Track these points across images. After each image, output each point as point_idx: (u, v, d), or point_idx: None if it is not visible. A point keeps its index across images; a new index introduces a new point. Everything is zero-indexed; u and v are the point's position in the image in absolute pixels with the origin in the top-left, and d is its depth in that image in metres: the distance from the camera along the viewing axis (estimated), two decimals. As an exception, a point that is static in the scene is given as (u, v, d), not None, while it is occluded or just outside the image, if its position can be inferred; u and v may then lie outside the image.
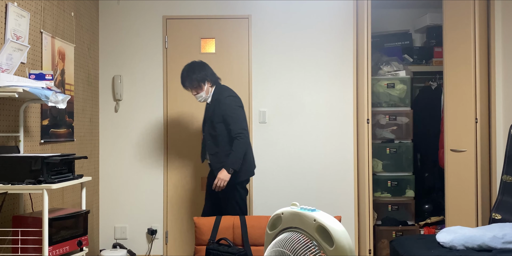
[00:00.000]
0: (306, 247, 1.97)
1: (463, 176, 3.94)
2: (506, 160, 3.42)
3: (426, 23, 5.00)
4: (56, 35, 3.59)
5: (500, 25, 3.91)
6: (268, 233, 2.25)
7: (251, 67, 4.51)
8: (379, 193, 4.66)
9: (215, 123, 3.64)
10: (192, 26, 4.53)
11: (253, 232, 3.37)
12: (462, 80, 3.98)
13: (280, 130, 4.51)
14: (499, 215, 3.34)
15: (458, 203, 3.98)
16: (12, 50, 2.75)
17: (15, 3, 2.96)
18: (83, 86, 4.15)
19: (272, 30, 4.53)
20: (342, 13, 4.50)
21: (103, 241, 4.51)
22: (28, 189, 2.58)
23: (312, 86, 4.52)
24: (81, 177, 2.97)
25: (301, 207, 2.11)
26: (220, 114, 3.62)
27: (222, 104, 3.63)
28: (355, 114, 4.47)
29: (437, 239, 3.08)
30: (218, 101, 3.66)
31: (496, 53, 3.92)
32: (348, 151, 4.48)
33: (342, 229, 1.95)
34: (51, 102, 2.72)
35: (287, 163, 4.50)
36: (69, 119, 3.80)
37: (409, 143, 4.71)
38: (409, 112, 4.71)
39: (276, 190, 4.48)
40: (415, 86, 5.16)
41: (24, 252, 2.66)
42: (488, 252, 2.84)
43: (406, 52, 5.05)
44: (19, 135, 2.98)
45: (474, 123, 3.89)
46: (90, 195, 4.26)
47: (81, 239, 2.90)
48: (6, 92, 2.51)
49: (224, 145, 3.62)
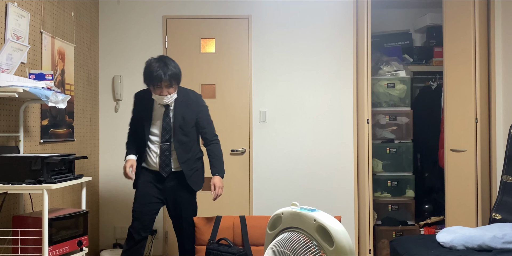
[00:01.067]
0: (306, 247, 1.97)
1: (463, 176, 3.94)
2: (506, 160, 3.42)
3: (426, 23, 5.00)
4: (56, 35, 3.59)
5: (500, 25, 3.91)
6: (268, 233, 2.25)
7: (251, 67, 4.51)
8: (379, 193, 4.66)
9: (188, 128, 3.29)
10: (192, 26, 4.53)
11: (253, 232, 3.36)
12: (462, 80, 3.98)
13: (280, 130, 4.51)
14: (499, 215, 3.34)
15: (458, 203, 3.98)
16: (12, 50, 2.75)
17: (15, 3, 2.96)
18: (83, 86, 4.15)
19: (272, 30, 4.53)
20: (342, 13, 4.50)
21: (103, 241, 4.52)
22: (28, 189, 2.58)
23: (312, 86, 4.52)
24: (81, 177, 2.97)
25: (301, 207, 2.11)
26: (193, 117, 3.30)
27: (198, 106, 3.33)
28: (355, 114, 4.47)
29: (437, 239, 3.08)
30: (191, 103, 3.30)
31: (496, 53, 3.92)
32: (348, 151, 4.48)
33: (342, 229, 1.95)
34: (51, 102, 2.72)
35: (287, 163, 4.50)
36: (69, 119, 3.80)
37: (409, 143, 4.71)
38: (409, 112, 4.71)
39: (276, 190, 4.48)
40: (415, 86, 5.16)
41: (24, 252, 2.66)
42: (488, 252, 2.84)
43: (406, 52, 5.05)
44: (19, 135, 2.98)
45: (474, 123, 3.89)
46: (90, 195, 4.26)
47: (81, 239, 2.91)
48: (6, 92, 2.51)
49: (194, 150, 3.35)
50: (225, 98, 4.52)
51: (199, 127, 3.35)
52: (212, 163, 3.37)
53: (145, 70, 3.22)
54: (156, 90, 3.18)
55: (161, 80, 3.13)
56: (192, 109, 3.31)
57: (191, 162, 3.33)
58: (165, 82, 3.14)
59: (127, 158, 3.34)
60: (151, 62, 3.20)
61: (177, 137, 3.26)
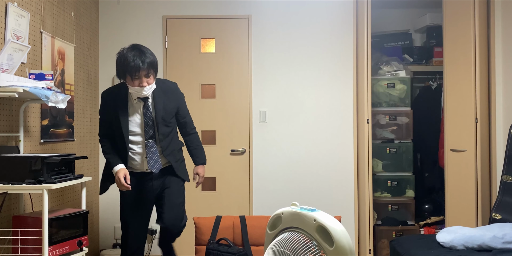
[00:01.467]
0: (306, 247, 1.97)
1: (463, 176, 3.94)
2: (506, 160, 3.42)
3: (426, 23, 5.00)
4: (56, 35, 3.59)
5: (500, 25, 3.91)
6: (268, 233, 2.25)
7: (251, 67, 4.51)
8: (379, 193, 4.66)
9: (169, 118, 3.11)
10: (192, 26, 4.53)
11: (253, 232, 3.37)
12: (462, 80, 3.98)
13: (280, 130, 4.51)
14: (499, 215, 3.34)
15: (458, 203, 3.98)
16: (12, 51, 2.75)
17: (15, 3, 2.96)
18: (83, 86, 4.15)
19: (272, 30, 4.53)
20: (342, 13, 4.50)
21: (103, 241, 4.51)
22: (28, 189, 2.58)
23: (312, 86, 4.52)
24: (81, 177, 2.97)
25: (301, 207, 2.11)
26: (174, 106, 3.13)
27: (177, 94, 3.18)
28: (355, 114, 4.48)
29: (437, 239, 3.08)
30: (169, 91, 3.12)
31: (496, 53, 3.92)
32: (348, 151, 4.48)
33: (342, 229, 1.95)
34: (51, 102, 2.72)
35: (287, 163, 4.50)
36: (69, 119, 3.80)
37: (409, 143, 4.71)
38: (409, 112, 4.71)
39: (276, 190, 4.48)
40: (415, 86, 5.16)
41: (24, 252, 2.66)
42: (488, 252, 2.84)
43: (406, 52, 5.05)
44: (19, 135, 2.98)
45: (474, 123, 3.89)
46: (90, 195, 4.26)
47: (81, 239, 2.91)
48: (6, 92, 2.51)
49: (175, 140, 3.19)
50: (225, 98, 4.52)
51: (179, 116, 3.19)
52: (194, 153, 3.29)
53: (118, 61, 2.92)
54: (134, 82, 2.89)
55: (139, 69, 2.84)
56: (171, 98, 3.12)
57: (176, 153, 3.18)
58: (143, 71, 2.86)
59: (116, 168, 3.02)
60: (125, 52, 2.90)
61: (161, 129, 3.05)
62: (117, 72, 2.97)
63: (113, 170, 3.03)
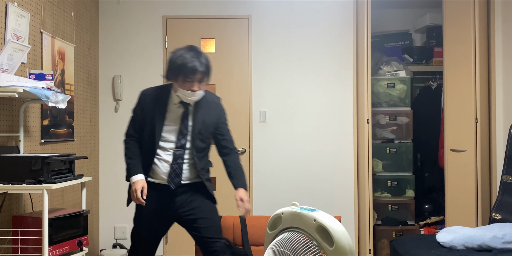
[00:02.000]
0: (306, 247, 1.97)
1: (463, 176, 3.94)
2: (506, 160, 3.42)
3: (426, 23, 5.00)
4: (56, 35, 3.59)
5: (500, 25, 3.91)
6: (268, 233, 2.25)
7: (251, 67, 4.51)
8: (379, 193, 4.66)
9: (207, 133, 2.84)
10: (192, 26, 4.52)
11: (253, 232, 3.37)
12: (462, 80, 3.98)
13: (280, 130, 4.51)
14: (499, 215, 3.34)
15: (458, 203, 3.98)
16: (12, 51, 2.75)
17: (15, 3, 2.96)
18: (83, 86, 4.15)
19: (272, 30, 4.53)
20: (342, 13, 4.50)
21: (103, 241, 4.51)
22: (28, 189, 2.58)
23: (312, 86, 4.52)
24: (81, 177, 2.97)
25: (301, 207, 2.11)
26: (214, 122, 2.86)
27: (220, 110, 2.94)
28: (355, 114, 4.47)
29: (437, 239, 3.08)
30: (212, 105, 2.89)
31: (496, 53, 3.92)
32: (348, 151, 4.48)
33: (342, 229, 1.95)
34: (51, 102, 2.72)
35: (287, 163, 4.50)
36: (69, 119, 3.80)
37: (409, 143, 4.71)
38: (409, 112, 4.71)
39: (276, 190, 4.48)
40: (415, 86, 5.16)
41: (24, 252, 2.66)
42: (488, 252, 2.84)
43: (406, 52, 5.05)
44: (19, 135, 2.98)
45: (474, 123, 3.89)
46: (90, 195, 4.26)
47: (81, 239, 2.91)
48: (6, 92, 2.51)
49: (206, 159, 2.91)
50: (225, 98, 4.48)
51: (218, 133, 2.90)
52: (235, 175, 2.93)
53: (173, 61, 2.69)
54: (185, 85, 2.67)
55: (195, 72, 2.65)
56: (213, 113, 2.87)
57: (204, 172, 2.87)
58: (199, 74, 2.66)
59: (134, 178, 2.74)
60: (182, 52, 2.69)
61: (195, 143, 2.78)
62: (168, 72, 2.74)
63: (130, 178, 2.76)
